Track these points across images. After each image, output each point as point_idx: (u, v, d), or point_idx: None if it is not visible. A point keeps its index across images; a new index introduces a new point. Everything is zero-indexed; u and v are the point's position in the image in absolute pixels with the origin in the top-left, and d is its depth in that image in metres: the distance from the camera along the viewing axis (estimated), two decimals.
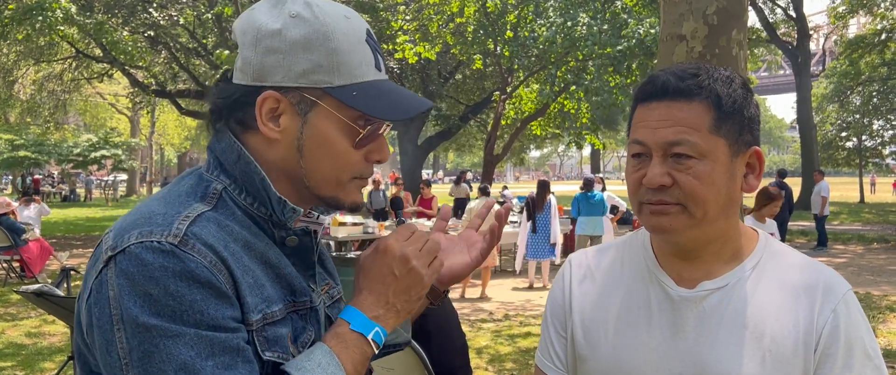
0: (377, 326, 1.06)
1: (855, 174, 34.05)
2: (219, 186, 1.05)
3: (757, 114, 1.21)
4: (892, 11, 26.53)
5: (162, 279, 0.91)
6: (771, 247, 1.26)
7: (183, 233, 0.94)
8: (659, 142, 1.14)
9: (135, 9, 17.75)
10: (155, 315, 0.90)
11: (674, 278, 1.24)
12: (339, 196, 1.10)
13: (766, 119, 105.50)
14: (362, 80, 1.05)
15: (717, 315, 1.19)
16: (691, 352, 1.19)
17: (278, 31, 1.02)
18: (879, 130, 31.08)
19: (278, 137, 1.04)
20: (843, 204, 30.77)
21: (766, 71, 56.15)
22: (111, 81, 29.59)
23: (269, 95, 1.02)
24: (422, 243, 1.11)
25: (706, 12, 4.08)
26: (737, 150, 1.16)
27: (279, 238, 1.08)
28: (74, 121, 40.95)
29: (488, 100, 24.80)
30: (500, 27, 15.90)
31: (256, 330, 0.99)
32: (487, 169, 18.41)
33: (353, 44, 1.05)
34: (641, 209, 1.19)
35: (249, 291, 0.98)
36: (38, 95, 27.52)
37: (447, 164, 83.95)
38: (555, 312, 1.38)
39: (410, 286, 1.08)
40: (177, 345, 0.90)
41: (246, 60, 1.04)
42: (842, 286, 1.20)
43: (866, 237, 17.46)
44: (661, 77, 1.17)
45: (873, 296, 9.60)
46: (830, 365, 1.15)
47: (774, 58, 36.63)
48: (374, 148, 1.10)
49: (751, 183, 1.20)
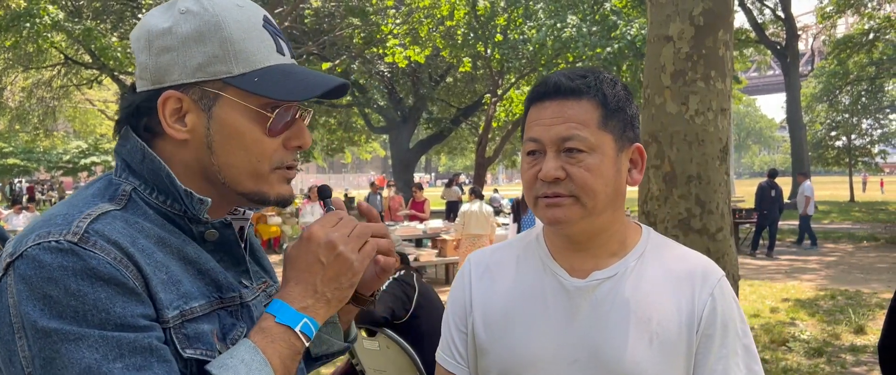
0: (306, 317, 1.00)
1: (845, 173, 34.24)
2: (128, 187, 1.01)
3: (637, 114, 1.32)
4: (879, 11, 26.73)
5: (61, 279, 0.86)
6: (654, 239, 1.37)
7: (83, 230, 0.90)
8: (552, 138, 1.23)
9: (123, 14, 17.71)
10: (55, 318, 0.85)
11: (567, 269, 1.32)
12: (262, 189, 1.05)
13: (755, 119, 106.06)
14: (264, 66, 1.02)
15: (608, 303, 1.28)
16: (585, 338, 1.27)
17: (169, 28, 1.00)
18: (868, 129, 31.30)
19: (187, 137, 1.01)
20: (833, 203, 30.94)
21: (756, 71, 56.45)
22: (100, 87, 29.47)
23: (169, 95, 1.00)
24: (350, 228, 1.05)
25: (692, 13, 4.10)
26: (621, 146, 1.27)
27: (198, 233, 1.04)
28: (64, 127, 40.75)
29: (479, 102, 24.86)
30: (490, 30, 15.93)
31: (174, 328, 0.94)
32: (479, 171, 18.43)
33: (248, 30, 1.01)
34: (537, 203, 1.27)
35: (162, 287, 0.94)
36: (27, 102, 27.40)
37: (439, 167, 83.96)
38: (455, 309, 1.44)
39: (339, 273, 1.02)
40: (79, 349, 0.85)
41: (142, 65, 1.02)
42: (717, 272, 1.31)
43: (856, 235, 17.57)
44: (552, 78, 1.28)
45: (863, 294, 9.65)
46: (709, 344, 1.26)
47: (764, 58, 36.80)
48: (291, 134, 1.06)
49: (634, 176, 1.31)
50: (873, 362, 6.30)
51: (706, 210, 4.14)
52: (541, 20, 15.03)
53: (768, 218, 14.33)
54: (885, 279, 11.08)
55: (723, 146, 4.20)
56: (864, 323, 7.65)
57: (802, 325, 7.84)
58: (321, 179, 58.94)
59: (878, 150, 31.74)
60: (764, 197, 14.41)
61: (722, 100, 4.16)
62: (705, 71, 4.10)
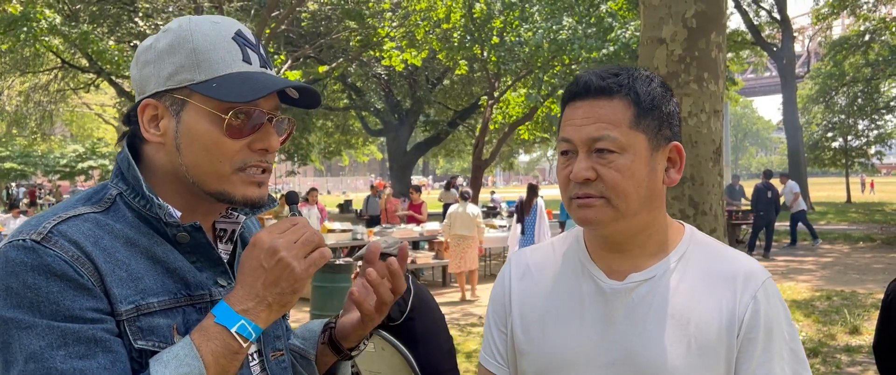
0: (243, 319, 1.04)
1: (841, 174, 34.30)
2: (114, 191, 1.11)
3: (676, 111, 1.28)
4: (874, 12, 26.80)
5: (21, 273, 0.96)
6: (696, 240, 1.32)
7: (47, 231, 1.00)
8: (583, 139, 1.21)
9: (120, 18, 17.71)
10: (13, 308, 0.96)
11: (604, 271, 1.30)
12: (226, 189, 1.11)
13: (752, 120, 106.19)
14: (226, 73, 1.10)
15: (645, 305, 1.25)
16: (621, 341, 1.25)
17: (150, 45, 1.12)
18: (864, 130, 31.35)
19: (161, 140, 1.11)
20: (830, 204, 31.00)
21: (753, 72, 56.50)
22: (98, 91, 29.46)
23: (147, 103, 1.11)
24: (298, 235, 1.08)
25: (685, 16, 4.13)
26: (657, 145, 1.23)
27: (172, 235, 1.11)
28: (61, 131, 40.73)
29: (476, 105, 24.88)
30: (487, 32, 15.95)
31: (127, 320, 1.02)
32: (476, 173, 18.44)
33: (216, 42, 1.10)
34: (571, 204, 1.25)
35: (118, 283, 1.02)
36: (24, 106, 27.37)
37: (437, 170, 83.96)
38: (496, 310, 1.44)
39: (279, 277, 1.06)
40: (28, 336, 0.95)
41: (133, 79, 1.14)
42: (761, 274, 1.26)
43: (852, 236, 17.60)
44: (583, 78, 1.25)
45: (859, 294, 9.69)
46: (752, 349, 1.21)
47: (760, 59, 36.86)
48: (257, 137, 1.12)
49: (672, 176, 1.27)
50: (868, 362, 6.33)
51: (700, 211, 4.16)
52: (537, 22, 15.06)
53: (765, 219, 14.37)
54: (880, 279, 11.10)
55: (716, 147, 4.22)
56: (860, 324, 7.68)
57: (798, 325, 7.86)
58: (318, 182, 58.90)
59: (875, 151, 31.80)
60: (760, 198, 14.45)
61: (715, 102, 4.19)
62: (698, 73, 4.13)
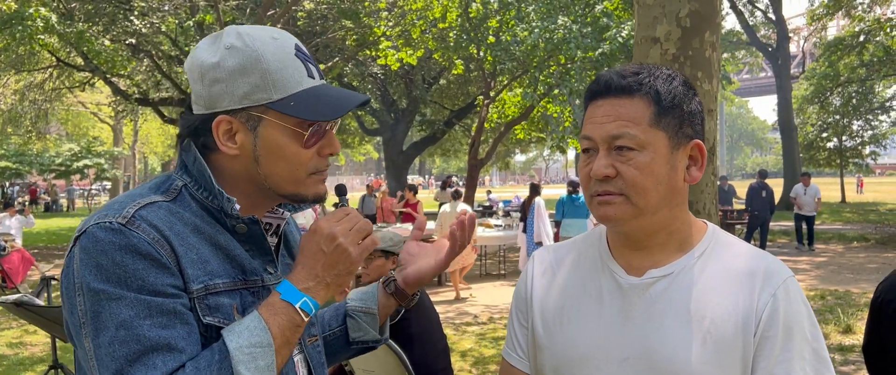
0: (306, 296, 1.18)
1: (836, 174, 34.39)
2: (180, 183, 1.23)
3: (699, 110, 1.28)
4: (869, 13, 26.87)
5: (110, 251, 1.08)
6: (718, 238, 1.33)
7: (131, 215, 1.12)
8: (603, 136, 1.23)
9: (116, 17, 17.65)
10: (103, 281, 1.07)
11: (624, 267, 1.31)
12: (300, 191, 1.25)
13: (748, 121, 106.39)
14: (297, 90, 1.20)
15: (663, 301, 1.26)
16: (638, 337, 1.26)
17: (217, 63, 1.19)
18: (859, 131, 31.43)
19: (237, 153, 1.21)
20: (825, 204, 31.08)
21: (748, 73, 56.62)
22: (93, 90, 29.39)
23: (221, 119, 1.20)
24: (352, 223, 1.23)
25: (679, 15, 4.14)
26: (677, 143, 1.24)
27: (231, 226, 1.23)
28: (56, 130, 40.61)
29: (472, 104, 24.88)
30: (483, 32, 15.96)
31: (198, 298, 1.14)
32: (472, 173, 18.45)
33: (283, 61, 1.20)
34: (592, 201, 1.27)
35: (190, 265, 1.14)
36: (19, 105, 27.27)
37: (433, 169, 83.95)
38: (519, 305, 1.46)
39: (337, 261, 1.20)
40: (119, 306, 1.07)
41: (197, 94, 1.22)
42: (783, 272, 1.25)
43: (847, 236, 17.66)
44: (605, 76, 1.26)
45: (852, 294, 9.72)
46: (770, 348, 1.20)
47: (755, 60, 36.94)
48: (324, 144, 1.26)
49: (693, 174, 1.28)
50: (862, 361, 6.35)
51: (693, 210, 4.17)
52: (533, 22, 15.06)
53: (759, 219, 14.40)
54: (874, 279, 11.14)
55: (710, 147, 4.24)
56: (853, 323, 7.71)
57: None
58: None
59: (869, 151, 31.89)
60: (755, 197, 14.48)
61: (708, 102, 4.21)
62: (692, 72, 4.15)
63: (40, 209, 36.49)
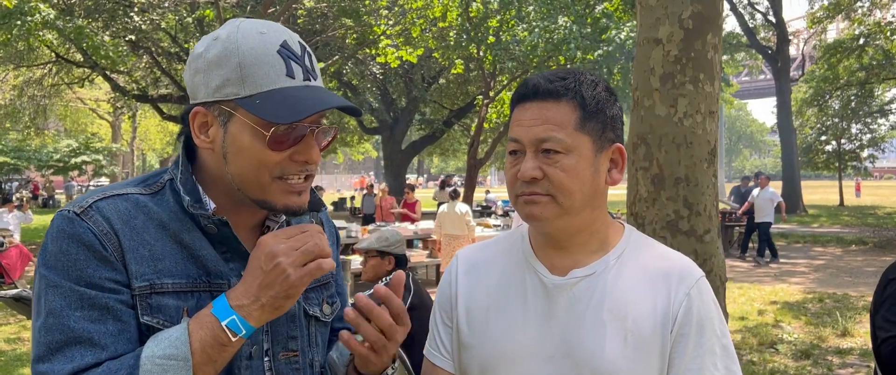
0: (235, 315, 1.09)
1: (834, 177, 34.43)
2: (166, 177, 1.22)
3: (619, 115, 1.33)
4: (869, 17, 26.89)
5: (58, 239, 1.10)
6: (635, 239, 1.38)
7: (86, 206, 1.12)
8: (531, 139, 1.27)
9: (116, 13, 17.63)
10: (48, 268, 1.09)
11: (547, 267, 1.35)
12: (266, 198, 1.18)
13: (747, 123, 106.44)
14: (269, 89, 1.13)
15: (585, 300, 1.30)
16: (562, 335, 1.29)
17: (201, 53, 1.16)
18: (858, 134, 31.45)
19: (209, 146, 1.18)
20: (823, 207, 31.12)
21: (747, 75, 56.64)
22: (92, 86, 29.35)
23: (197, 111, 1.17)
24: (300, 243, 1.11)
25: (682, 17, 4.14)
26: (601, 146, 1.29)
27: (205, 226, 1.19)
28: (55, 126, 40.56)
29: (472, 104, 24.87)
30: (483, 31, 15.95)
31: (140, 296, 1.12)
32: (470, 173, 18.44)
33: (261, 56, 1.13)
34: (517, 200, 1.30)
35: (137, 261, 1.12)
36: (17, 100, 27.22)
37: (432, 169, 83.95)
38: (442, 303, 1.47)
39: (273, 281, 1.09)
40: (54, 294, 1.08)
41: (187, 84, 1.20)
42: (695, 273, 1.32)
43: (845, 239, 17.67)
44: (532, 80, 1.31)
45: (850, 297, 9.73)
46: (684, 344, 1.27)
47: (755, 62, 36.95)
48: (299, 149, 1.17)
49: (614, 176, 1.32)
50: (859, 364, 6.36)
51: (694, 212, 4.17)
52: (533, 22, 15.06)
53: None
54: (872, 282, 11.15)
55: (711, 148, 4.23)
56: (851, 327, 7.71)
57: (789, 328, 7.89)
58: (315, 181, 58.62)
59: (867, 155, 31.91)
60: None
61: (710, 103, 4.20)
62: (694, 74, 4.14)
63: (38, 205, 36.43)
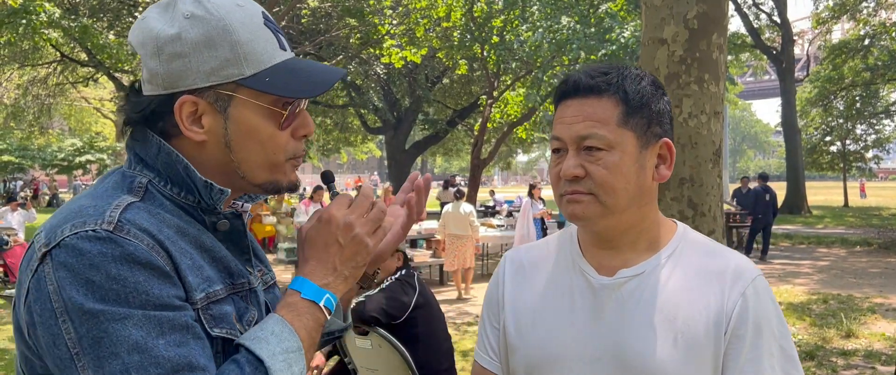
0: (327, 293, 1.09)
1: (839, 178, 34.33)
2: (143, 179, 1.07)
3: (667, 109, 1.29)
4: (874, 17, 26.82)
5: (102, 265, 0.92)
6: (688, 237, 1.34)
7: (116, 219, 0.96)
8: (572, 137, 1.23)
9: (120, 12, 17.67)
10: (100, 301, 0.91)
11: (595, 267, 1.31)
12: (277, 178, 1.12)
13: (751, 123, 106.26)
14: (271, 64, 1.07)
15: (634, 301, 1.26)
16: (610, 336, 1.26)
17: (177, 35, 1.03)
18: (862, 134, 31.37)
19: (205, 138, 1.06)
20: (827, 208, 31.04)
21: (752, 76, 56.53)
22: (96, 86, 29.40)
23: (185, 100, 1.04)
24: (364, 210, 1.13)
25: (687, 16, 4.13)
26: (646, 142, 1.24)
27: (210, 223, 1.10)
28: (59, 125, 40.64)
29: (476, 104, 24.86)
30: (487, 31, 15.94)
31: (202, 309, 1.01)
32: (474, 173, 18.43)
33: (254, 31, 1.06)
34: (561, 200, 1.27)
35: (190, 271, 1.01)
36: (22, 99, 27.30)
37: (435, 169, 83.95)
38: (490, 306, 1.46)
39: (356, 252, 1.11)
40: (126, 327, 0.91)
41: (152, 71, 1.05)
42: (751, 271, 1.26)
43: (849, 240, 17.62)
44: (573, 77, 1.27)
45: (855, 298, 9.70)
46: (740, 346, 1.21)
47: (759, 63, 36.87)
48: (298, 124, 1.13)
49: (662, 172, 1.28)
50: (864, 365, 6.34)
51: (698, 212, 4.16)
52: (537, 22, 15.05)
53: (762, 222, 14.37)
54: (876, 284, 11.13)
55: (716, 149, 4.22)
56: (855, 328, 7.69)
57: (794, 329, 7.87)
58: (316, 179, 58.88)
59: (872, 155, 31.82)
60: (758, 200, 14.45)
61: (715, 104, 4.19)
62: (699, 74, 4.13)
63: (42, 204, 36.52)
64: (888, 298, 9.80)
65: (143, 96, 1.08)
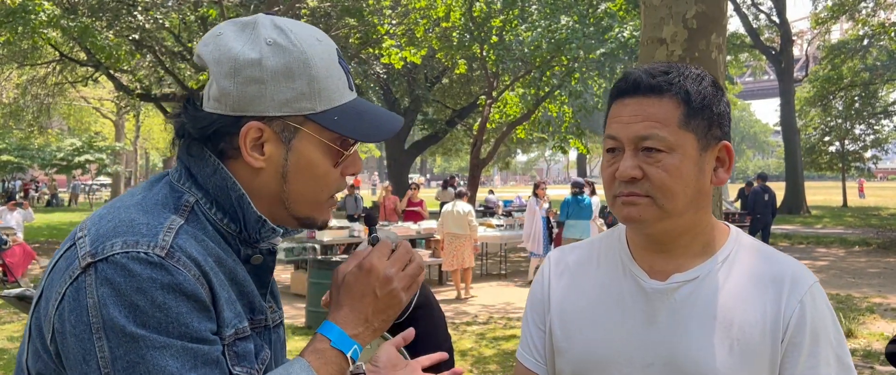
0: (356, 344, 1.08)
1: (838, 178, 34.36)
2: (191, 199, 1.05)
3: (727, 111, 1.25)
4: (873, 17, 26.84)
5: (149, 290, 0.91)
6: (741, 241, 1.30)
7: (169, 245, 0.95)
8: (630, 137, 1.19)
9: (119, 12, 17.65)
10: (142, 326, 0.90)
11: (646, 271, 1.28)
12: (314, 215, 1.12)
13: (750, 123, 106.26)
14: (341, 103, 1.08)
15: (688, 306, 1.23)
16: (663, 342, 1.23)
17: (258, 60, 1.01)
18: (861, 134, 31.39)
19: (263, 165, 1.05)
20: (826, 208, 31.06)
21: (751, 76, 56.54)
22: (96, 85, 29.38)
23: (252, 125, 1.03)
24: (402, 264, 1.12)
25: (686, 16, 4.13)
26: (706, 145, 1.20)
27: (245, 255, 1.09)
28: (58, 125, 40.61)
29: (475, 104, 24.85)
30: (486, 31, 15.94)
31: (228, 345, 1.00)
32: (473, 173, 18.43)
33: (330, 68, 1.07)
34: (614, 201, 1.23)
35: (226, 306, 1.00)
36: (21, 99, 27.27)
37: (434, 168, 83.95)
38: (534, 307, 1.42)
39: (389, 306, 1.10)
40: (164, 356, 0.91)
41: (224, 90, 1.03)
42: (809, 278, 1.23)
43: (848, 240, 17.63)
44: (633, 74, 1.23)
45: (854, 298, 9.71)
46: (797, 354, 1.19)
47: (759, 63, 36.90)
48: (348, 163, 1.12)
49: (720, 176, 1.25)
50: (863, 365, 6.34)
51: None
52: (536, 21, 15.05)
53: (761, 222, 14.38)
54: (875, 284, 11.14)
55: None
56: (854, 328, 7.70)
57: None
58: None
59: (871, 155, 31.84)
60: (757, 200, 14.46)
61: None
62: None
63: (42, 204, 36.49)
64: (887, 298, 9.81)
65: (205, 112, 1.05)
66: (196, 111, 1.06)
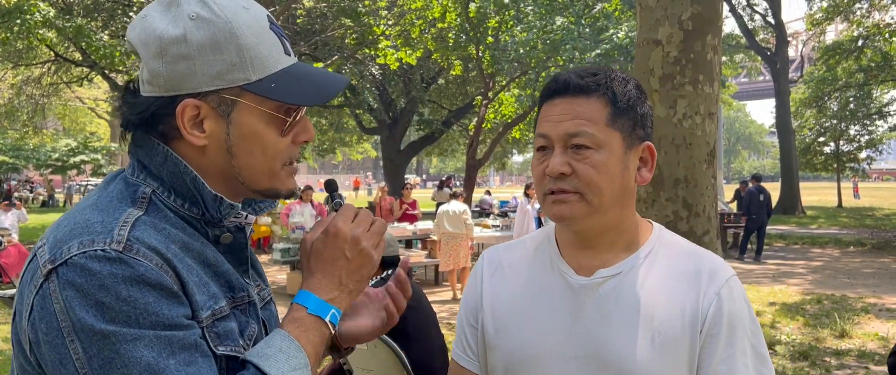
0: (333, 307, 1.08)
1: (833, 179, 34.46)
2: (147, 190, 1.04)
3: (649, 113, 1.32)
4: (867, 18, 26.92)
5: (112, 286, 0.91)
6: (664, 238, 1.36)
7: (126, 239, 0.94)
8: (560, 134, 1.24)
9: (115, 12, 17.63)
10: (111, 322, 0.90)
11: (574, 267, 1.33)
12: (274, 186, 1.10)
13: (746, 124, 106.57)
14: (276, 70, 1.05)
15: (612, 301, 1.28)
16: (588, 336, 1.28)
17: (182, 36, 1.00)
18: (856, 135, 31.47)
19: (206, 143, 1.04)
20: (821, 209, 31.14)
21: (746, 77, 56.67)
22: (91, 86, 29.32)
23: (187, 104, 1.02)
24: (368, 223, 1.13)
25: (681, 18, 4.14)
26: (630, 144, 1.27)
27: (213, 236, 1.09)
28: (53, 125, 40.52)
29: (471, 104, 24.88)
30: (482, 32, 15.95)
31: (207, 327, 1.00)
32: (469, 173, 18.44)
33: (259, 35, 1.04)
34: (545, 199, 1.28)
35: (197, 289, 1.00)
36: (16, 99, 27.22)
37: (430, 169, 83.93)
38: (468, 305, 1.47)
39: (362, 266, 1.11)
40: (138, 348, 0.91)
41: (155, 72, 1.02)
42: (726, 271, 1.29)
43: (843, 240, 17.68)
44: (563, 76, 1.28)
45: (849, 299, 9.73)
46: (714, 345, 1.24)
47: (754, 64, 36.98)
48: (299, 130, 1.11)
49: (643, 175, 1.31)
50: (857, 365, 6.36)
51: (693, 213, 4.18)
52: (531, 22, 15.07)
53: (756, 223, 14.41)
54: (870, 284, 11.17)
55: (710, 150, 4.24)
56: (849, 328, 7.72)
57: (788, 329, 7.90)
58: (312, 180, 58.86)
59: (866, 156, 31.94)
60: (752, 200, 14.49)
61: (709, 104, 4.21)
62: (693, 75, 4.15)
63: (37, 204, 36.39)
64: (881, 298, 9.84)
65: (142, 97, 1.04)
66: (134, 97, 1.05)
